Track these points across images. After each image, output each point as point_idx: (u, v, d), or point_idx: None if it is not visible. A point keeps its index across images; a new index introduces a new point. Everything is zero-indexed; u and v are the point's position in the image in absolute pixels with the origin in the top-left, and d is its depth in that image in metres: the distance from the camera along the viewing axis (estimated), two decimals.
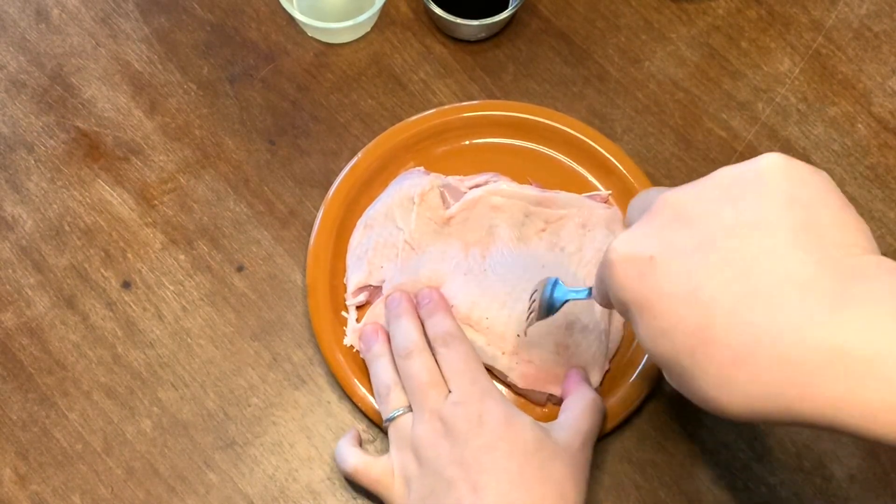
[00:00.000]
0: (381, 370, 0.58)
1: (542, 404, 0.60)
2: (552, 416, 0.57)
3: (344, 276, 0.63)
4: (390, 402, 0.56)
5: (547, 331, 0.60)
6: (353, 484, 0.60)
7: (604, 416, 0.58)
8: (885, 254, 0.64)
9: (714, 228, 0.39)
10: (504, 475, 0.50)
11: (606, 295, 0.44)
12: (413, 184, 0.63)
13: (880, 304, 0.35)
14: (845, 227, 0.39)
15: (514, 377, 0.59)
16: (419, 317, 0.59)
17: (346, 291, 0.63)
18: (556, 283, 0.55)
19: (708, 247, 0.39)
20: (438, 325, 0.58)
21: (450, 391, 0.54)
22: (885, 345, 0.34)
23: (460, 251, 0.62)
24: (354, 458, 0.56)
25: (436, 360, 0.56)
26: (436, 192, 0.63)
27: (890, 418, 0.35)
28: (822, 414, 0.36)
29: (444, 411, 0.53)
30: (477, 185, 0.64)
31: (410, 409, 0.56)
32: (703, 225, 0.39)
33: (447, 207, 0.63)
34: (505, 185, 0.63)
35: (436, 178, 0.64)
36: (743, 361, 0.37)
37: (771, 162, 0.40)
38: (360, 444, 0.58)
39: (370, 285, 0.63)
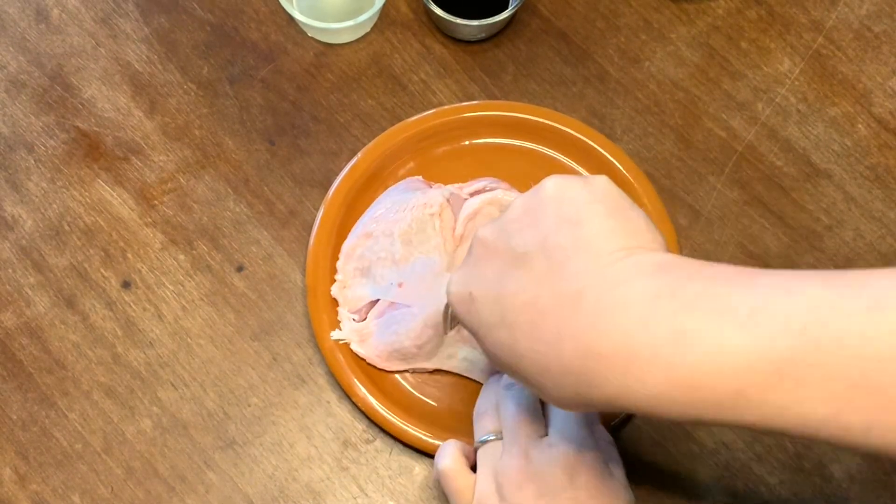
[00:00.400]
0: (489, 391, 0.56)
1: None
2: None
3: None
4: (483, 426, 0.54)
5: None
6: (352, 483, 0.61)
7: None
8: (884, 254, 0.64)
9: (509, 259, 0.44)
10: None
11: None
12: (425, 202, 0.62)
13: (631, 309, 0.39)
14: (622, 230, 0.42)
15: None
16: None
17: (332, 284, 0.63)
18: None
19: (505, 276, 0.44)
20: None
21: (547, 434, 0.53)
22: (630, 347, 0.39)
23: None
24: (450, 461, 0.54)
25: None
26: (448, 209, 0.63)
27: (651, 404, 0.39)
28: (608, 404, 0.40)
29: (534, 451, 0.51)
30: (476, 192, 0.64)
31: (502, 437, 0.53)
32: (502, 257, 0.45)
33: (454, 220, 0.63)
34: (502, 193, 0.63)
35: (444, 192, 0.63)
36: (545, 371, 0.42)
37: (548, 187, 0.45)
38: (468, 458, 0.55)
39: (376, 301, 0.62)
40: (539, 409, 0.53)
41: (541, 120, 0.66)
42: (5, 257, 0.65)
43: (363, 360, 0.61)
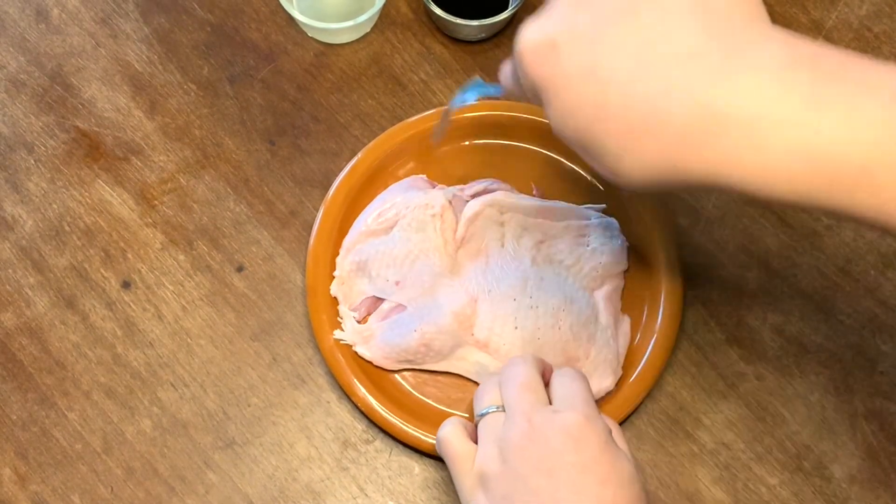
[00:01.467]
0: (490, 381, 0.55)
1: None
2: None
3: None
4: (484, 400, 0.53)
5: (559, 346, 0.60)
6: (352, 483, 0.61)
7: None
8: (884, 254, 0.64)
9: (611, 8, 0.41)
10: (595, 502, 0.47)
11: (517, 82, 0.46)
12: (426, 203, 0.62)
13: (761, 72, 0.38)
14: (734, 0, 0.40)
15: None
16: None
17: (332, 280, 0.63)
18: (478, 82, 0.55)
19: (606, 26, 0.41)
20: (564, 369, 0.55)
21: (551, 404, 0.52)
22: (758, 109, 0.37)
23: (464, 270, 0.62)
24: (451, 428, 0.53)
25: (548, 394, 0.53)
26: (450, 211, 0.63)
27: (761, 176, 0.38)
28: (705, 175, 0.39)
29: (538, 416, 0.49)
30: (476, 193, 0.64)
31: (503, 409, 0.52)
32: (601, 5, 0.41)
33: (457, 222, 0.63)
34: (502, 195, 0.63)
35: (446, 193, 0.63)
36: (636, 131, 0.39)
37: None
38: (470, 433, 0.54)
39: (376, 298, 0.62)
40: (541, 382, 0.52)
41: (541, 120, 0.66)
42: (5, 257, 0.65)
43: (368, 361, 0.61)
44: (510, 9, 0.67)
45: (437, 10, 0.66)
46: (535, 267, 0.62)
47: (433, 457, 0.60)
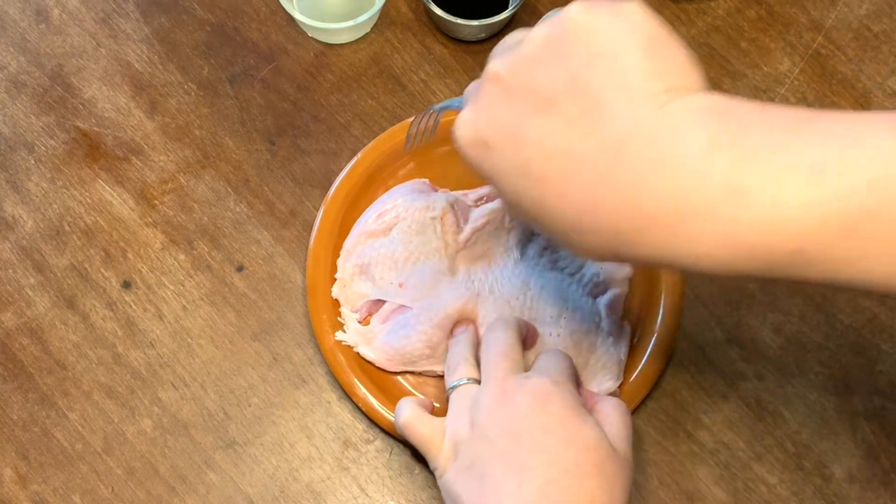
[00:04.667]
0: (460, 346, 0.55)
1: None
2: None
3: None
4: (458, 372, 0.53)
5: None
6: (353, 483, 0.61)
7: None
8: None
9: (531, 101, 0.40)
10: (557, 462, 0.47)
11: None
12: (427, 205, 0.62)
13: (681, 163, 0.36)
14: (662, 68, 0.38)
15: None
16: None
17: (333, 284, 0.63)
18: (449, 102, 0.56)
19: (528, 120, 0.40)
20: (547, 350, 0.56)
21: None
22: (681, 203, 0.36)
23: (467, 273, 0.62)
24: (410, 411, 0.54)
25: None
26: (451, 214, 0.63)
27: (701, 263, 0.37)
28: (648, 260, 0.38)
29: (510, 382, 0.50)
30: (480, 198, 0.64)
31: (478, 383, 0.52)
32: (523, 98, 0.40)
33: (459, 227, 0.63)
34: None
35: (449, 197, 0.63)
36: (575, 227, 0.39)
37: (572, 15, 0.39)
38: (430, 411, 0.55)
39: (377, 299, 0.62)
40: (520, 350, 0.53)
41: None
42: (6, 257, 0.65)
43: (369, 363, 0.61)
44: (510, 9, 0.67)
45: (437, 10, 0.66)
46: (538, 274, 0.62)
47: None
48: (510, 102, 0.41)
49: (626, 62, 0.38)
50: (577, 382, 0.53)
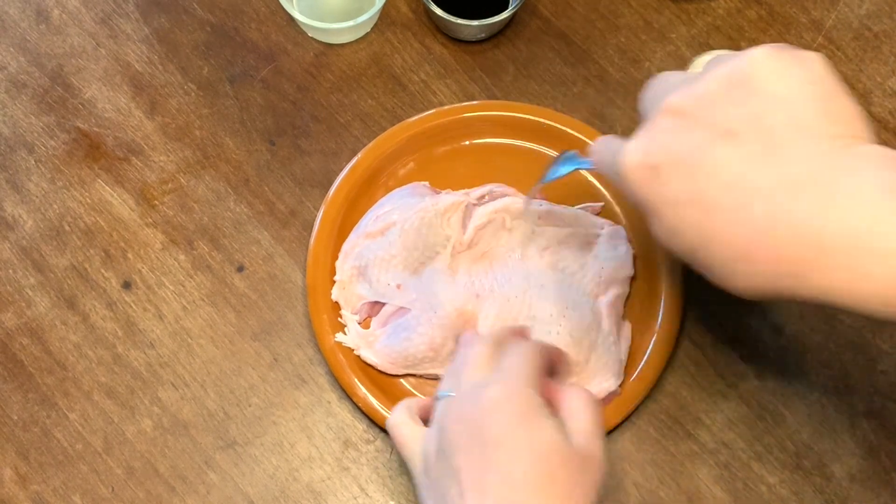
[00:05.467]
0: (456, 360, 0.55)
1: None
2: None
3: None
4: (444, 384, 0.53)
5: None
6: (353, 483, 0.61)
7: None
8: None
9: (711, 131, 0.41)
10: (507, 479, 0.46)
11: (611, 169, 0.46)
12: (427, 207, 0.62)
13: (862, 200, 0.38)
14: (837, 116, 0.40)
15: None
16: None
17: (332, 286, 0.63)
18: (570, 156, 0.55)
19: (706, 150, 0.41)
20: (515, 342, 0.55)
21: None
22: (861, 240, 0.38)
23: (468, 271, 0.62)
24: (397, 415, 0.53)
25: None
26: (453, 214, 0.63)
27: (872, 303, 0.38)
28: (813, 297, 0.39)
29: (473, 393, 0.49)
30: (482, 197, 0.64)
31: None
32: (701, 130, 0.41)
33: (464, 226, 0.63)
34: (511, 201, 0.63)
35: (452, 197, 0.63)
36: (742, 258, 0.40)
37: (758, 58, 0.41)
38: (423, 417, 0.54)
39: (376, 301, 0.62)
40: (490, 365, 0.51)
41: (541, 120, 0.66)
42: (6, 258, 0.65)
43: (371, 366, 0.61)
44: (510, 9, 0.67)
45: (437, 10, 0.66)
46: (539, 273, 0.62)
47: None
48: (689, 133, 0.42)
49: (806, 106, 0.40)
50: (544, 374, 0.51)
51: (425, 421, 0.53)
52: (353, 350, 0.61)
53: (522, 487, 0.45)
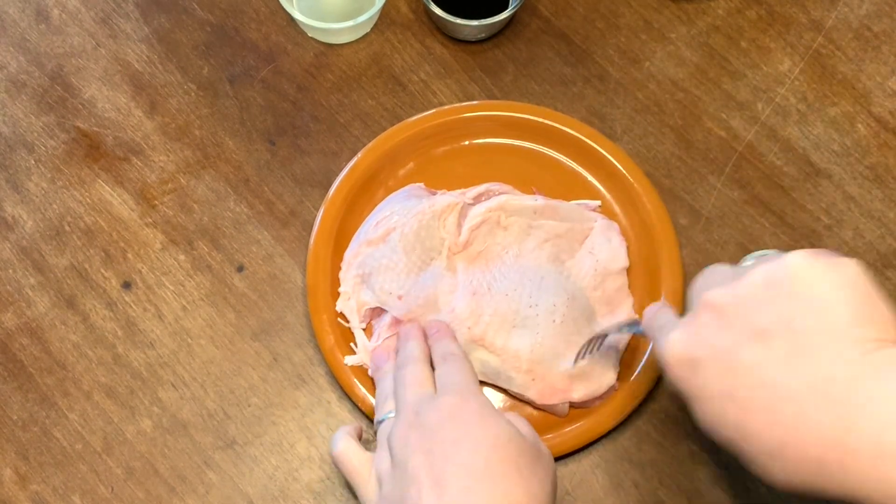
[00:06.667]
0: (385, 383, 0.58)
1: (566, 415, 0.60)
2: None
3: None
4: (383, 409, 0.56)
5: (557, 352, 0.60)
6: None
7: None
8: (884, 254, 0.64)
9: (745, 332, 0.43)
10: (468, 469, 0.48)
11: (656, 351, 0.49)
12: (426, 208, 0.62)
13: (890, 404, 0.39)
14: (869, 319, 0.42)
15: (531, 395, 0.60)
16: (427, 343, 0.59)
17: (335, 292, 0.63)
18: (633, 323, 0.56)
19: (743, 348, 0.43)
20: (443, 347, 0.58)
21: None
22: (887, 446, 0.39)
23: (465, 270, 0.62)
24: (343, 444, 0.55)
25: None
26: (451, 215, 0.62)
27: (890, 495, 0.39)
28: (845, 496, 0.40)
29: (421, 405, 0.51)
30: (479, 196, 0.64)
31: None
32: (740, 328, 0.44)
33: (459, 227, 0.63)
34: (506, 199, 0.63)
35: (448, 198, 0.63)
36: (776, 455, 0.42)
37: (794, 262, 0.43)
38: (360, 438, 0.57)
39: (378, 308, 0.62)
40: (430, 376, 0.55)
41: (541, 120, 0.66)
42: (6, 258, 0.65)
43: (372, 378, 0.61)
44: (510, 9, 0.67)
45: (437, 10, 0.66)
46: (536, 267, 0.62)
47: None
48: (726, 330, 0.44)
49: (838, 311, 0.42)
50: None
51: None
52: (352, 347, 0.61)
53: (483, 475, 0.47)
